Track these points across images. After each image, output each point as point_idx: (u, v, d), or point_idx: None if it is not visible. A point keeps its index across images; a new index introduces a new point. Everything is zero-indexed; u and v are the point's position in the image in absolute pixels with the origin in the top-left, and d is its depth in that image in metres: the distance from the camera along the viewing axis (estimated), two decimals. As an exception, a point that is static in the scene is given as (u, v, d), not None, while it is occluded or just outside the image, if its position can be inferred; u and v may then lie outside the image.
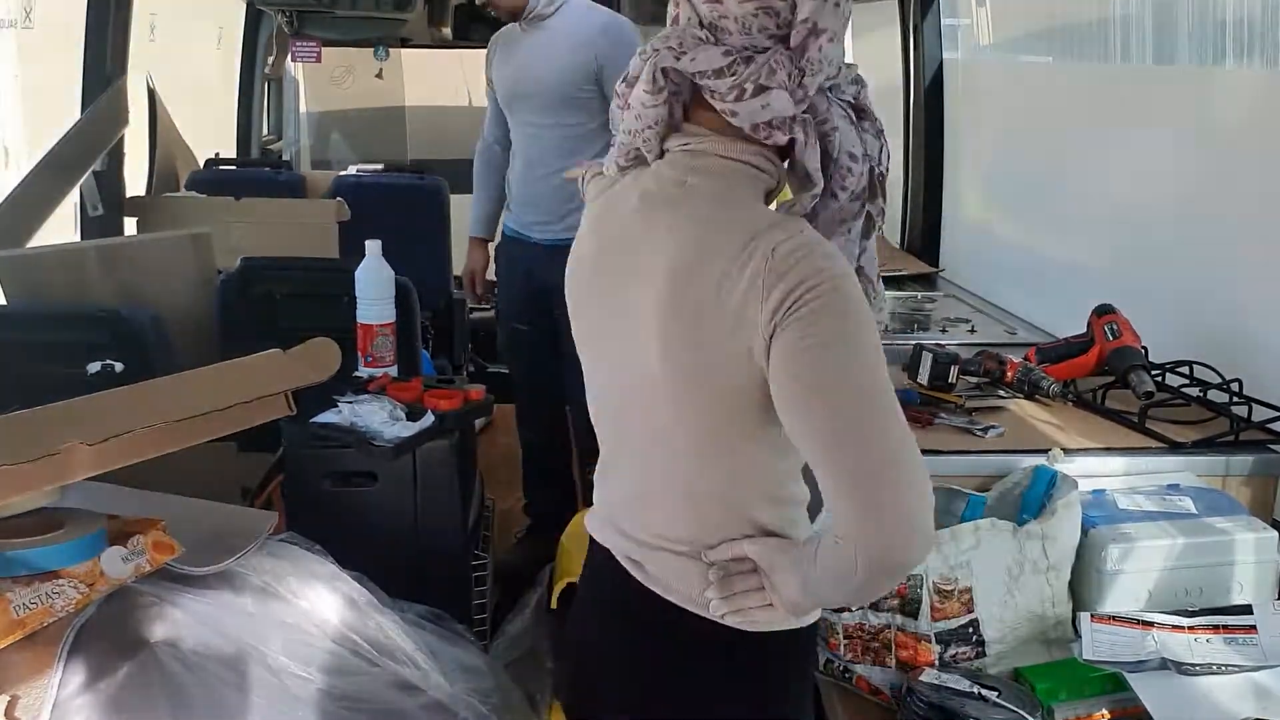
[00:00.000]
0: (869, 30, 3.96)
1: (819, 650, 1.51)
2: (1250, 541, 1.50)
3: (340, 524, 2.12)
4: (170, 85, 3.96)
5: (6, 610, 1.29)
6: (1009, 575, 1.42)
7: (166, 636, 1.42)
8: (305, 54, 5.11)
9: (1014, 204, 3.06)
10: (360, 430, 2.08)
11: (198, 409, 1.51)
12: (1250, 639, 1.39)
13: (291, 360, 1.70)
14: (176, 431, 1.49)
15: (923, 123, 3.33)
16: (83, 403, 1.51)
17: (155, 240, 2.87)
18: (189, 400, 1.53)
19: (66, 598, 1.35)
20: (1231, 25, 2.00)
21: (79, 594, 1.36)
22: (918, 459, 1.02)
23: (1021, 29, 3.01)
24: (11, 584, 1.32)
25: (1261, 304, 1.94)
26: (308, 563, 1.68)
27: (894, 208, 3.59)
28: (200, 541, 1.58)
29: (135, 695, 1.36)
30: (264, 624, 1.52)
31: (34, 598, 1.32)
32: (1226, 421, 1.77)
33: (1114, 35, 2.40)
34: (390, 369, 2.37)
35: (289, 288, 2.66)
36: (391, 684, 1.59)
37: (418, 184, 4.23)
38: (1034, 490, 1.57)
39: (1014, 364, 1.94)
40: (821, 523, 1.18)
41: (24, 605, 1.31)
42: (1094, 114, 2.52)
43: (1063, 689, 1.38)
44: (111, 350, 2.38)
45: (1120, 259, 2.41)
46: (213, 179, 4.00)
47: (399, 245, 3.97)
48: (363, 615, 1.67)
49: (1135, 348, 1.95)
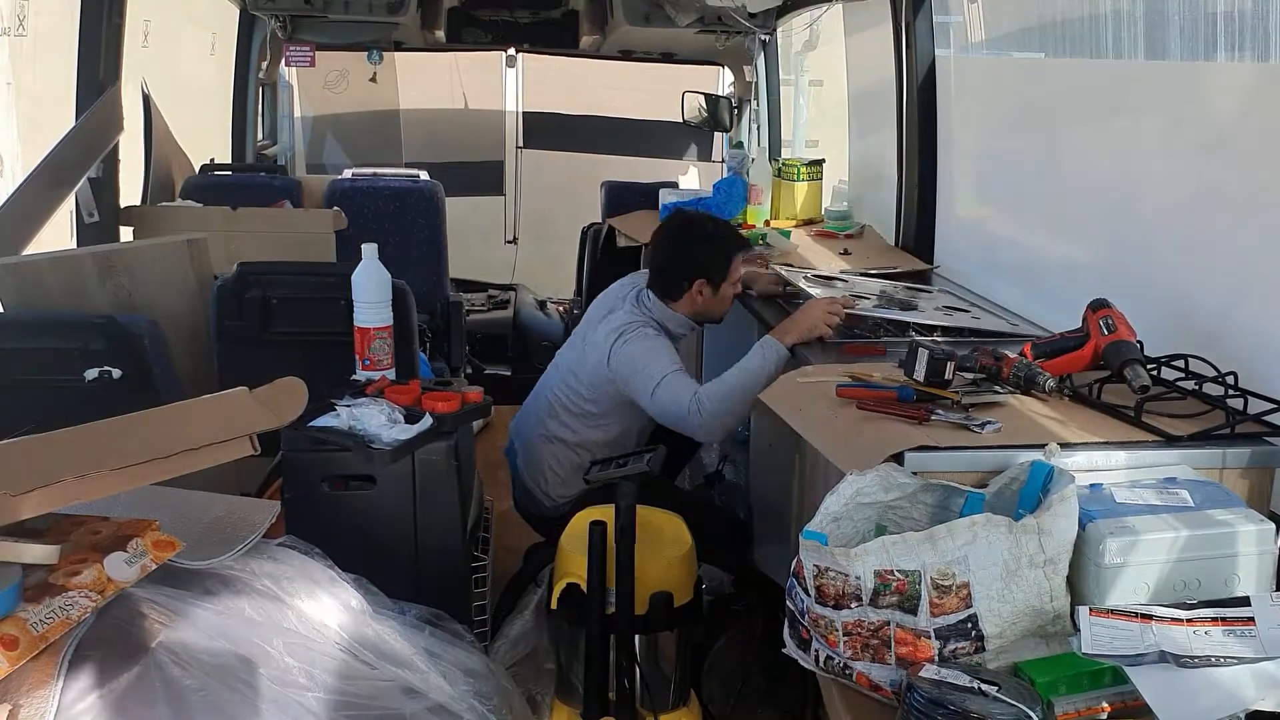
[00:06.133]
0: (862, 29, 3.97)
1: (819, 647, 1.51)
2: (1248, 534, 1.50)
3: (339, 527, 2.13)
4: (164, 91, 3.96)
5: (25, 629, 1.29)
6: (1006, 570, 1.43)
7: (167, 642, 1.42)
8: (299, 58, 5.11)
9: (1008, 200, 3.06)
10: (358, 433, 2.08)
11: (156, 453, 1.48)
12: (1249, 630, 1.39)
13: (255, 402, 1.67)
14: (132, 473, 1.47)
15: (916, 120, 3.34)
16: (15, 446, 1.47)
17: (151, 246, 2.87)
18: (144, 443, 1.50)
19: (81, 607, 1.36)
20: (1222, 19, 2.00)
21: (91, 602, 1.37)
22: None
23: (1013, 25, 3.01)
24: (24, 604, 1.32)
25: (1256, 297, 1.95)
26: (307, 567, 1.68)
27: (888, 205, 3.60)
28: (201, 535, 1.59)
29: (137, 701, 1.36)
30: (265, 629, 1.52)
31: (48, 613, 1.33)
32: (1222, 414, 1.78)
33: (1105, 30, 2.41)
34: (388, 372, 2.37)
35: (285, 292, 2.67)
36: (392, 688, 1.60)
37: (413, 187, 4.24)
38: (1031, 485, 1.58)
39: (1010, 359, 1.94)
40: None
41: (41, 621, 1.32)
42: (1086, 109, 2.53)
43: (1062, 683, 1.38)
44: (108, 357, 2.39)
45: (1115, 253, 2.42)
46: (208, 184, 4.00)
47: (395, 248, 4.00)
48: (362, 619, 1.67)
49: (1131, 342, 1.95)
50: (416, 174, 4.85)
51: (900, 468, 1.66)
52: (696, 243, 2.83)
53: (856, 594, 1.45)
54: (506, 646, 2.48)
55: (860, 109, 4.26)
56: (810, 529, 1.55)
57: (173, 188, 3.94)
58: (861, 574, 1.44)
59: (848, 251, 3.55)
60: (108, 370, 2.38)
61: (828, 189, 4.23)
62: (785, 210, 4.12)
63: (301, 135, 6.29)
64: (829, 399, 1.91)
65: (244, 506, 1.76)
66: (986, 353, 1.97)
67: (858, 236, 3.78)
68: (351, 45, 5.45)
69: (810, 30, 4.78)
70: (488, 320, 5.31)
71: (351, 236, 3.30)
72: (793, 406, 1.99)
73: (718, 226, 2.92)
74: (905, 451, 1.68)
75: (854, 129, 4.33)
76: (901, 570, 1.43)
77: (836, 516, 1.61)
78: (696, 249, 2.82)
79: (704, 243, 2.83)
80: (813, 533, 1.53)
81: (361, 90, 6.40)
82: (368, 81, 6.15)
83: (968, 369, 1.96)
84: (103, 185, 3.24)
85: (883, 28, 3.48)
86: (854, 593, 1.45)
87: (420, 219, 4.14)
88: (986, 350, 1.98)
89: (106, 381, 2.38)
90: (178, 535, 1.53)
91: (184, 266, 2.74)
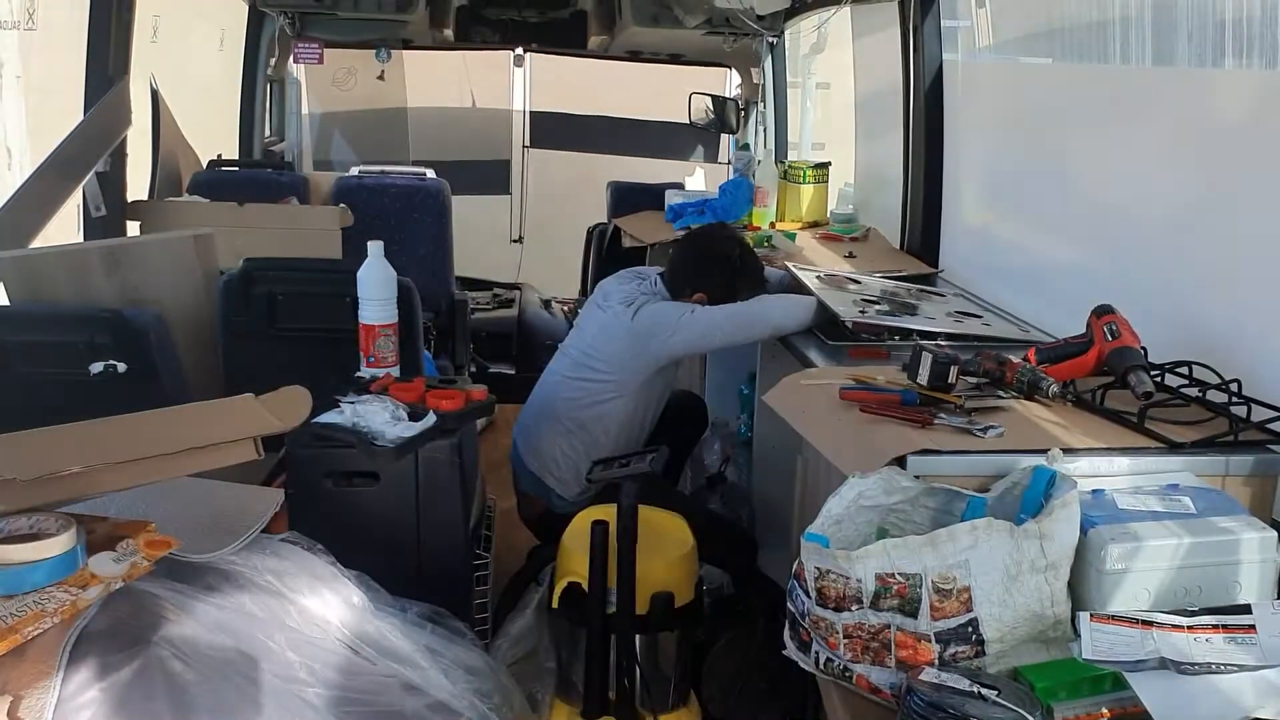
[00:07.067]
0: (869, 32, 3.97)
1: (819, 649, 1.51)
2: (1250, 541, 1.50)
3: (342, 524, 2.13)
4: (173, 87, 3.97)
5: None
6: (1007, 574, 1.43)
7: (169, 636, 1.43)
8: (307, 55, 5.12)
9: (1013, 205, 3.06)
10: (362, 430, 2.09)
11: (160, 451, 1.51)
12: (1250, 638, 1.39)
13: (262, 407, 1.68)
14: (136, 469, 1.49)
15: (923, 124, 3.34)
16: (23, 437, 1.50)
17: (158, 241, 2.88)
18: (149, 441, 1.52)
19: (58, 601, 1.35)
20: (1231, 26, 2.00)
21: (71, 596, 1.36)
22: None
23: (1021, 30, 3.01)
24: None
25: (1261, 304, 1.94)
26: (310, 563, 1.69)
27: (893, 209, 3.60)
28: (205, 527, 1.59)
29: (138, 695, 1.36)
30: (266, 624, 1.53)
31: (20, 606, 1.33)
32: (1225, 421, 1.77)
33: (1113, 36, 2.40)
34: (392, 369, 2.37)
35: (291, 288, 2.67)
36: (393, 684, 1.60)
37: (420, 185, 4.25)
38: (1033, 490, 1.58)
39: (1013, 364, 1.94)
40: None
41: (12, 614, 1.32)
42: (1093, 115, 2.53)
43: (1062, 688, 1.38)
44: (114, 351, 2.39)
45: (1119, 259, 2.41)
46: (215, 180, 4.01)
47: (401, 246, 4.00)
48: (364, 616, 1.68)
49: (1134, 348, 1.95)
50: (423, 172, 4.86)
51: (903, 471, 1.66)
52: (716, 262, 2.86)
53: (857, 596, 1.45)
54: (507, 645, 2.49)
55: (867, 112, 4.25)
56: (812, 531, 1.56)
57: (180, 183, 3.95)
58: (862, 577, 1.44)
59: (852, 255, 3.55)
60: (113, 364, 2.39)
61: (833, 192, 4.23)
62: (791, 213, 4.12)
63: (309, 132, 6.30)
64: (832, 402, 1.91)
65: (247, 496, 1.77)
66: (990, 357, 1.97)
67: (863, 240, 3.77)
68: (360, 43, 5.46)
69: (818, 33, 4.78)
70: (492, 319, 5.32)
71: (358, 234, 3.31)
72: (796, 409, 1.99)
73: (744, 256, 2.94)
74: (908, 455, 1.68)
75: (860, 132, 4.33)
76: (902, 573, 1.43)
77: (838, 519, 1.61)
78: (711, 266, 2.85)
79: (723, 266, 2.86)
80: (814, 535, 1.53)
81: (369, 88, 6.41)
82: (376, 79, 6.16)
83: (971, 373, 1.96)
84: (110, 179, 3.25)
85: (891, 31, 3.48)
86: (855, 595, 1.45)
87: (427, 217, 4.15)
88: (990, 355, 1.98)
89: (112, 375, 2.38)
90: (181, 527, 1.54)
91: (190, 261, 2.75)
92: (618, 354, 2.74)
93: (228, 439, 1.58)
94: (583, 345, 2.83)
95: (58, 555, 1.37)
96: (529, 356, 5.06)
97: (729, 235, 3.06)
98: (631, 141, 6.59)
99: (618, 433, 2.77)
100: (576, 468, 2.76)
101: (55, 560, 1.37)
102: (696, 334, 2.74)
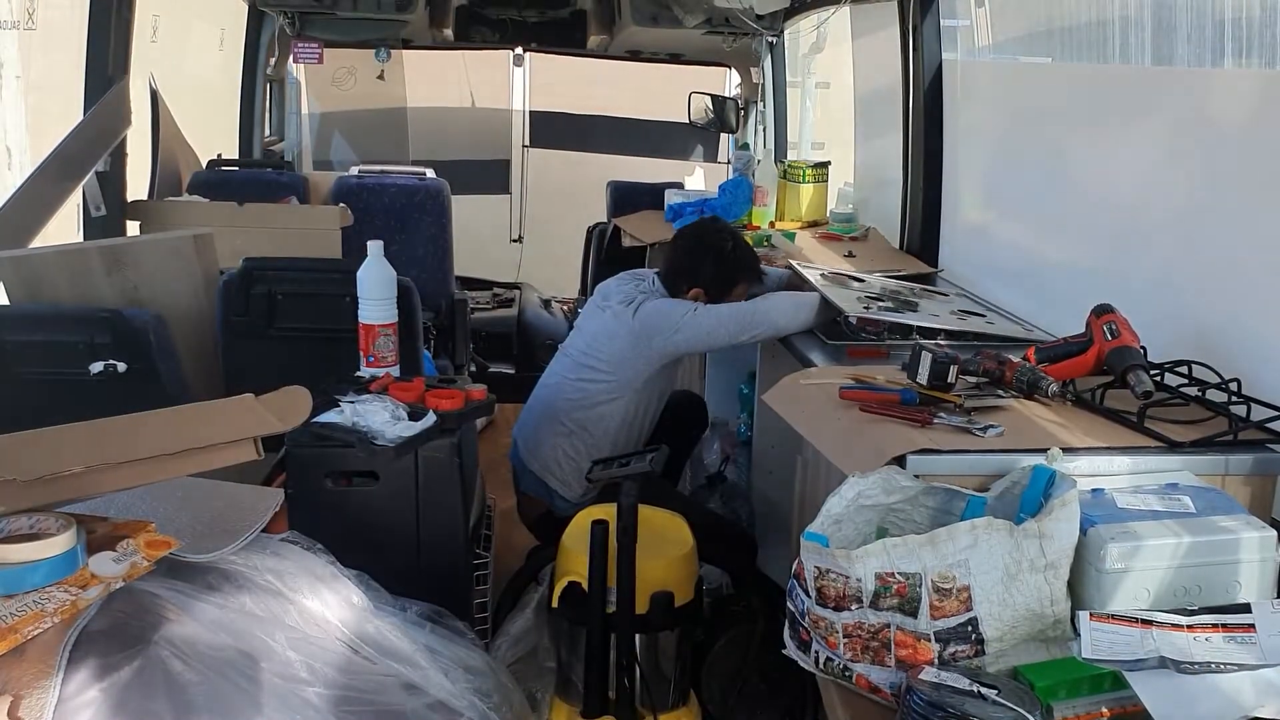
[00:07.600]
0: (869, 32, 3.97)
1: (819, 648, 1.51)
2: (1249, 540, 1.50)
3: (342, 523, 2.13)
4: (172, 86, 3.97)
5: None
6: (1007, 574, 1.43)
7: (169, 636, 1.43)
8: (307, 55, 5.12)
9: (1013, 204, 3.06)
10: (362, 430, 2.09)
11: (161, 451, 1.51)
12: (1249, 637, 1.39)
13: (262, 407, 1.68)
14: (136, 470, 1.49)
15: (922, 123, 3.34)
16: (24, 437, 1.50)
17: (157, 241, 2.88)
18: (150, 442, 1.52)
19: (58, 600, 1.35)
20: (1230, 25, 2.00)
21: (71, 596, 1.36)
22: None
23: (1020, 30, 3.01)
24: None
25: (1260, 303, 1.94)
26: (309, 562, 1.69)
27: (893, 208, 3.60)
28: (205, 526, 1.59)
29: (138, 695, 1.36)
30: (267, 623, 1.53)
31: (20, 606, 1.32)
32: (1225, 421, 1.78)
33: (1113, 36, 2.41)
34: (392, 369, 2.37)
35: (291, 288, 2.67)
36: (393, 683, 1.60)
37: (420, 185, 4.25)
38: (1032, 489, 1.58)
39: (1013, 364, 1.94)
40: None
41: (12, 614, 1.32)
42: (1093, 114, 2.53)
43: (1062, 687, 1.38)
44: (114, 351, 2.40)
45: (1119, 259, 2.41)
46: (215, 180, 4.01)
47: (401, 246, 4.01)
48: (364, 615, 1.68)
49: (1134, 347, 1.95)
50: (423, 172, 4.86)
51: (902, 470, 1.66)
52: (709, 255, 2.86)
53: (857, 596, 1.45)
54: (507, 644, 2.49)
55: (866, 112, 4.26)
56: (811, 530, 1.56)
57: (179, 182, 3.95)
58: (862, 576, 1.44)
59: (852, 254, 3.55)
60: (113, 364, 2.39)
61: (833, 191, 4.23)
62: (790, 212, 4.13)
63: (309, 132, 6.31)
64: (832, 401, 1.91)
65: (247, 496, 1.77)
66: (990, 357, 1.97)
67: (862, 239, 3.78)
68: (359, 43, 5.46)
69: (817, 32, 4.78)
70: (492, 318, 5.33)
71: (357, 233, 3.31)
72: (795, 408, 1.99)
73: (737, 249, 2.93)
74: (907, 454, 1.68)
75: (860, 132, 4.33)
76: (902, 573, 1.43)
77: (838, 518, 1.61)
78: (706, 261, 2.85)
79: (716, 258, 2.85)
80: (814, 534, 1.54)
81: (369, 87, 6.42)
82: (375, 79, 6.17)
83: (971, 373, 1.96)
84: (110, 179, 3.25)
85: (890, 31, 3.48)
86: (854, 595, 1.45)
87: (426, 217, 4.15)
88: (990, 354, 1.98)
89: (111, 375, 2.38)
90: (181, 527, 1.54)
91: (190, 261, 2.75)
92: (619, 353, 2.74)
93: (228, 439, 1.58)
94: (583, 346, 2.83)
95: (58, 555, 1.37)
96: (529, 356, 5.07)
97: (720, 228, 3.06)
98: (631, 141, 6.59)
99: (618, 433, 2.77)
100: (579, 469, 2.76)
101: (55, 560, 1.37)
102: (700, 332, 2.74)
